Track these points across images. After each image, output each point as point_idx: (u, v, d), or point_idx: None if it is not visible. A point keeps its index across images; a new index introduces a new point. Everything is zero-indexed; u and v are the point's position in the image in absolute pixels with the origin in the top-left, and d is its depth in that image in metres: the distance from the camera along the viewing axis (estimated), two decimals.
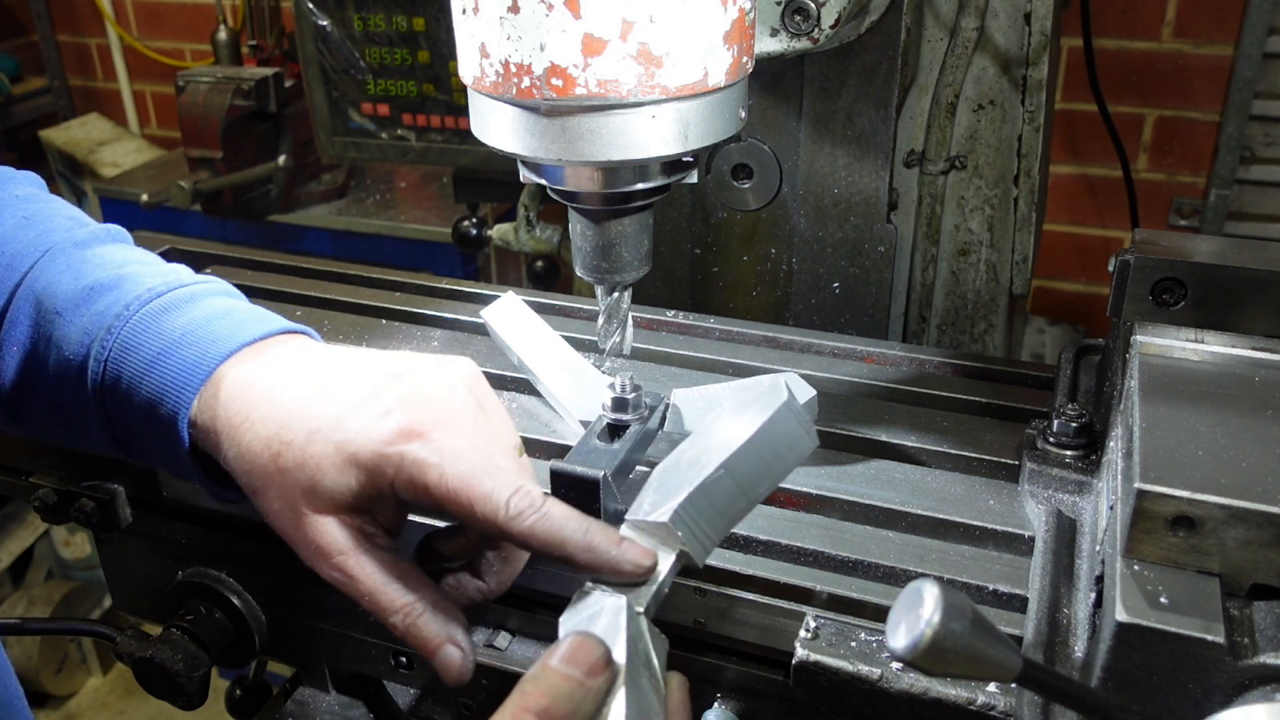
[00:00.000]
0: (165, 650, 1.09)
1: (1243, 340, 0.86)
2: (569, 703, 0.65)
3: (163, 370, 0.83)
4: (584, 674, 0.66)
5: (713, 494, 0.76)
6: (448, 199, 2.76)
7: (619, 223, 0.91)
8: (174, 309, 0.86)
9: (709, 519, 0.77)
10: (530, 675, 0.67)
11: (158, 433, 0.84)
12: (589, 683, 0.66)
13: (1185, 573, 0.68)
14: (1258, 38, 2.52)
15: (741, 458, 0.76)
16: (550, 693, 0.65)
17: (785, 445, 0.78)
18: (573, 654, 0.67)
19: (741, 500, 0.78)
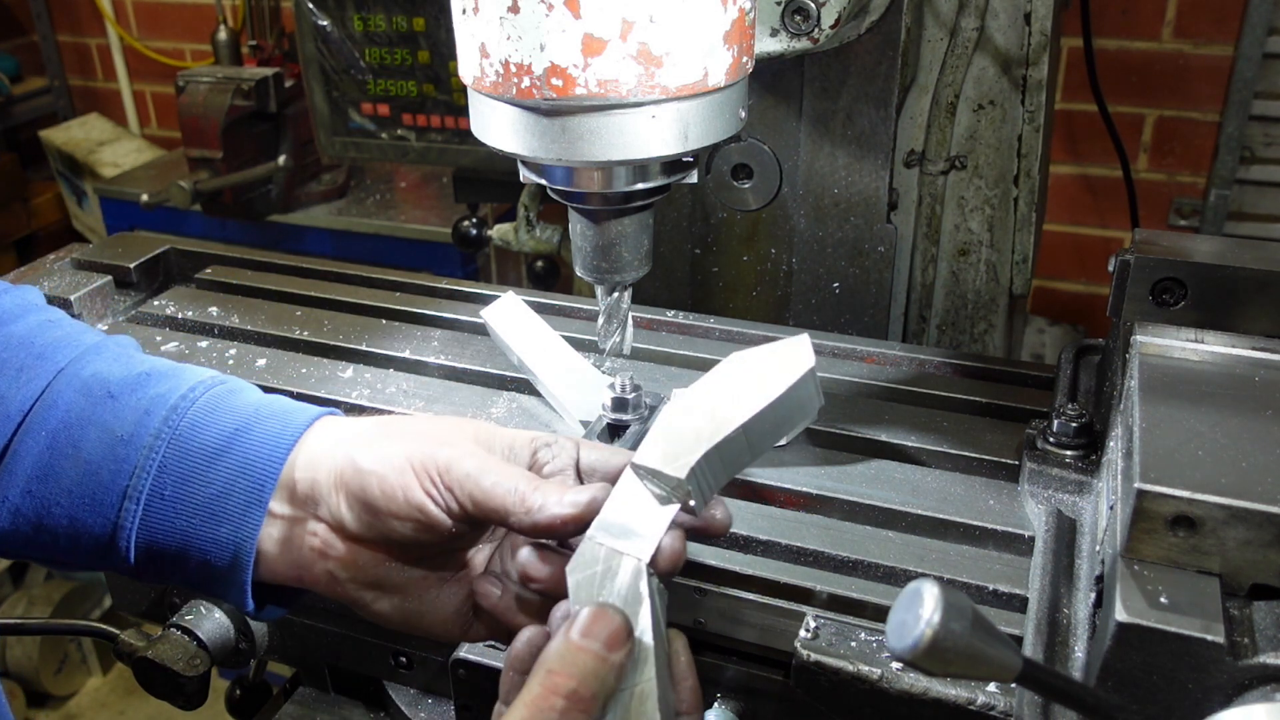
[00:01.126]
0: (165, 650, 1.09)
1: (1243, 340, 0.86)
2: (595, 681, 0.63)
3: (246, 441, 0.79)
4: (606, 648, 0.65)
5: (725, 450, 0.76)
6: (448, 199, 2.76)
7: (619, 223, 0.91)
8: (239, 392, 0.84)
9: (715, 472, 0.77)
10: (553, 652, 0.65)
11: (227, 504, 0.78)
12: (612, 657, 0.65)
13: (1185, 573, 0.68)
14: (1258, 38, 2.52)
15: (760, 419, 0.76)
16: (577, 673, 0.63)
17: (797, 407, 0.78)
18: (593, 627, 0.65)
19: (746, 455, 0.78)
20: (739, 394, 0.77)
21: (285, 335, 1.25)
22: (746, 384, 0.78)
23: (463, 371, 1.18)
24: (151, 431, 0.79)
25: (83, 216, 3.70)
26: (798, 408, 0.78)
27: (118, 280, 1.35)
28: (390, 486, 0.75)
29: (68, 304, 1.27)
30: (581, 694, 0.63)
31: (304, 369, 1.18)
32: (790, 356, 0.78)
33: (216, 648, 1.12)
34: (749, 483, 0.98)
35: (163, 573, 0.80)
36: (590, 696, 0.63)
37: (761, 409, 0.75)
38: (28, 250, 3.79)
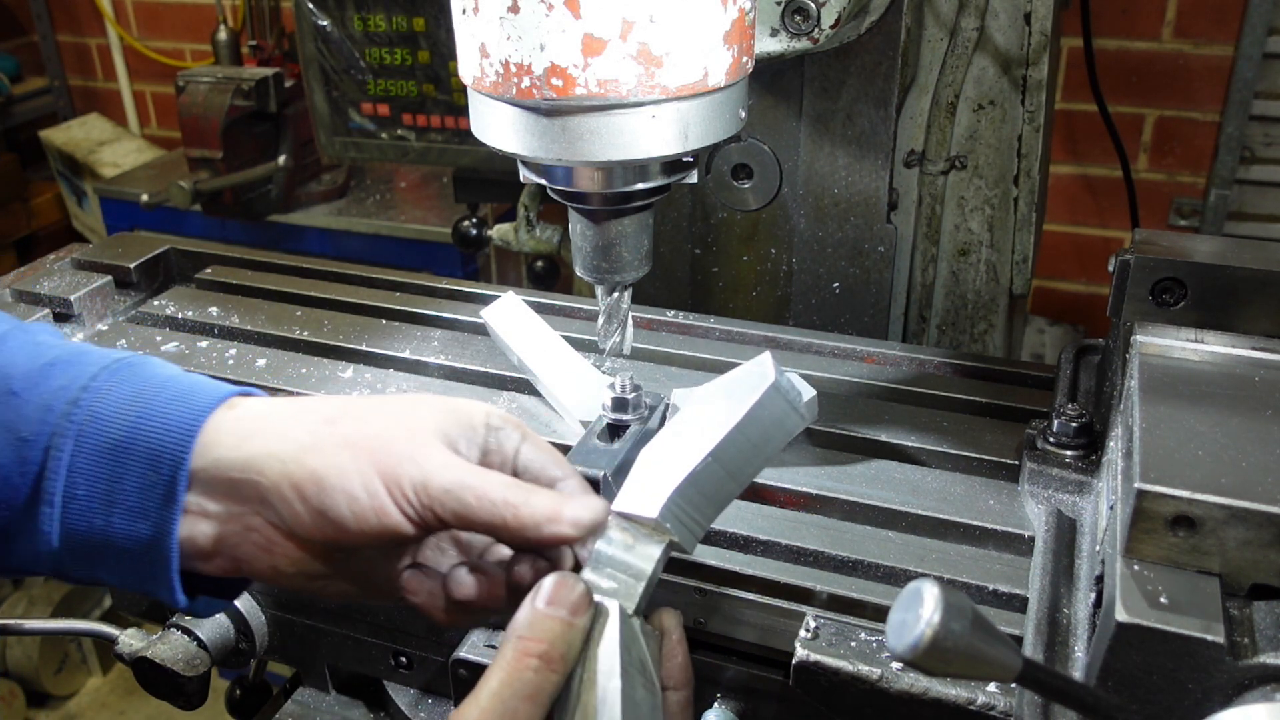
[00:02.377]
0: (165, 650, 1.09)
1: (1243, 340, 0.86)
2: (563, 644, 0.69)
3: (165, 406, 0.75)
4: (570, 613, 0.70)
5: (701, 482, 0.75)
6: (448, 199, 2.76)
7: (619, 223, 0.91)
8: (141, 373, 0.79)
9: (697, 506, 0.76)
10: (521, 621, 0.69)
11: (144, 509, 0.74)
12: (575, 621, 0.70)
13: (1185, 573, 0.68)
14: (1258, 38, 2.52)
15: (729, 443, 0.76)
16: (546, 637, 0.68)
17: (773, 425, 0.78)
18: (556, 594, 0.70)
19: (730, 484, 0.77)
20: (705, 424, 0.77)
21: (285, 335, 1.25)
22: (713, 413, 0.78)
23: (463, 371, 1.18)
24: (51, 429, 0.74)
25: (83, 216, 3.70)
26: (773, 425, 0.78)
27: (118, 280, 1.35)
28: (362, 509, 0.72)
29: (68, 304, 1.27)
30: (551, 655, 0.68)
31: (304, 369, 1.18)
32: (752, 377, 0.78)
33: (216, 648, 1.12)
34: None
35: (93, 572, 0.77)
36: (559, 657, 0.68)
37: (727, 433, 0.75)
38: (28, 250, 3.79)
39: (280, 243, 2.90)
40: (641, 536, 0.76)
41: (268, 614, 1.15)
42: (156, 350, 1.22)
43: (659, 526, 0.75)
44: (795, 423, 0.78)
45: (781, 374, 0.78)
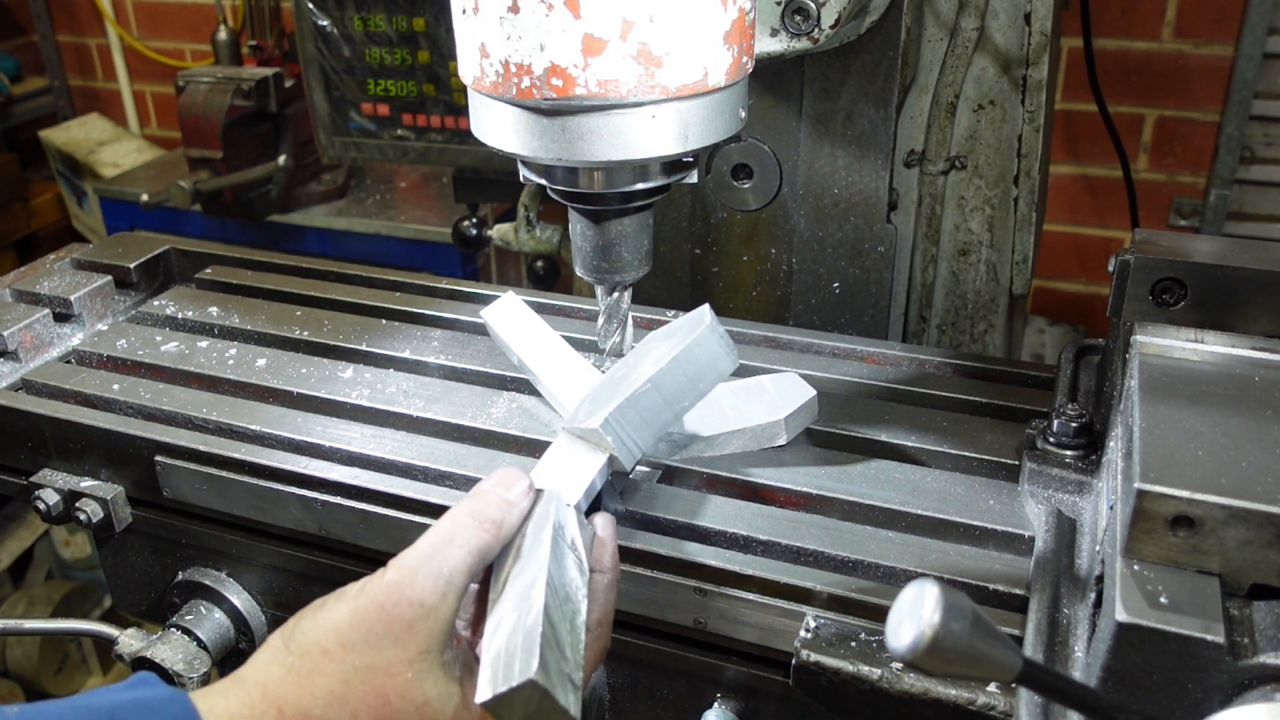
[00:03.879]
0: (165, 650, 1.09)
1: (1243, 340, 0.86)
2: (497, 510, 0.79)
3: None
4: (509, 493, 0.81)
5: (640, 405, 0.88)
6: (448, 199, 2.76)
7: (619, 223, 0.91)
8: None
9: (636, 427, 0.89)
10: (466, 496, 0.81)
11: None
12: (510, 496, 0.81)
13: (1185, 573, 0.68)
14: (1258, 38, 2.52)
15: (667, 373, 0.88)
16: (483, 503, 0.80)
17: (708, 364, 0.90)
18: (501, 479, 0.82)
19: (666, 412, 0.90)
20: (648, 360, 0.90)
21: (285, 335, 1.25)
22: (655, 350, 0.91)
23: (463, 371, 1.18)
24: None
25: (83, 216, 3.70)
26: (708, 364, 0.90)
27: (118, 280, 1.35)
28: None
29: (68, 304, 1.27)
30: (488, 515, 0.79)
31: (304, 369, 1.18)
32: (692, 322, 0.90)
33: (216, 648, 1.12)
34: (749, 482, 0.98)
35: None
36: (494, 521, 0.79)
37: (665, 365, 0.88)
38: (28, 250, 3.79)
39: (280, 243, 2.90)
40: (586, 448, 0.89)
41: (267, 614, 1.15)
42: (157, 349, 1.22)
43: (600, 439, 0.88)
44: (726, 365, 0.91)
45: (716, 321, 0.90)
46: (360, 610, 0.75)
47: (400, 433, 1.08)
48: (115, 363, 1.22)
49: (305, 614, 0.78)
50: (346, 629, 0.75)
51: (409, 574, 0.75)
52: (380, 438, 1.06)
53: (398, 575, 0.75)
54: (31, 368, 1.21)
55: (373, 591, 0.75)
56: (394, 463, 1.02)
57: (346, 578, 1.06)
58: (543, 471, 0.88)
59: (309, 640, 0.76)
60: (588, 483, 0.87)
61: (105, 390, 1.14)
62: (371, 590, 0.75)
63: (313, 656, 0.75)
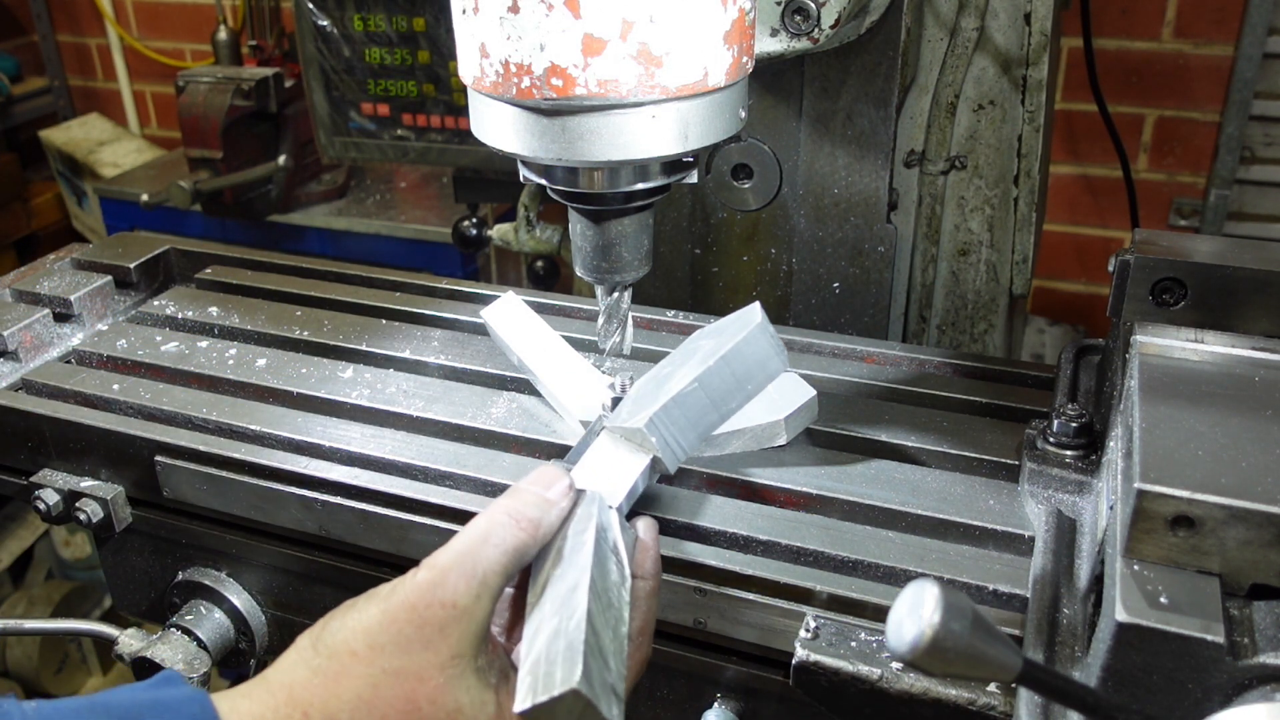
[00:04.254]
0: (165, 650, 1.09)
1: (1243, 340, 0.86)
2: (535, 509, 0.77)
3: None
4: (548, 491, 0.79)
5: (686, 405, 0.84)
6: (448, 199, 2.76)
7: (619, 223, 0.91)
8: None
9: (681, 428, 0.85)
10: (505, 493, 0.79)
11: None
12: (550, 495, 0.79)
13: (1185, 573, 0.68)
14: (1258, 38, 2.52)
15: (715, 373, 0.84)
16: (522, 502, 0.77)
17: (756, 364, 0.86)
18: (540, 477, 0.80)
19: (712, 413, 0.86)
20: (694, 358, 0.86)
21: (285, 335, 1.25)
22: (702, 349, 0.87)
23: (463, 371, 1.18)
24: None
25: (83, 216, 3.70)
26: (756, 365, 0.86)
27: (118, 280, 1.35)
28: None
29: (68, 304, 1.27)
30: (525, 513, 0.76)
31: (304, 369, 1.18)
32: (741, 320, 0.87)
33: (216, 648, 1.12)
34: (749, 483, 0.98)
35: None
36: (532, 519, 0.76)
37: (712, 364, 0.84)
38: (28, 250, 3.79)
39: (280, 243, 2.90)
40: (629, 448, 0.86)
41: (268, 614, 1.15)
42: (157, 349, 1.22)
43: (645, 439, 0.84)
44: (776, 366, 0.87)
45: (766, 320, 0.86)
46: (391, 611, 0.72)
47: (400, 433, 1.08)
48: (115, 363, 1.22)
49: (335, 615, 0.75)
50: (376, 630, 0.72)
51: (441, 574, 0.72)
52: (380, 438, 1.06)
53: (430, 575, 0.72)
54: (31, 368, 1.21)
55: (404, 592, 0.72)
56: (394, 463, 1.02)
57: (346, 578, 1.07)
58: (584, 471, 0.85)
59: (337, 641, 0.73)
60: (630, 484, 0.84)
61: (105, 390, 1.14)
62: (403, 591, 0.72)
63: (340, 658, 0.72)
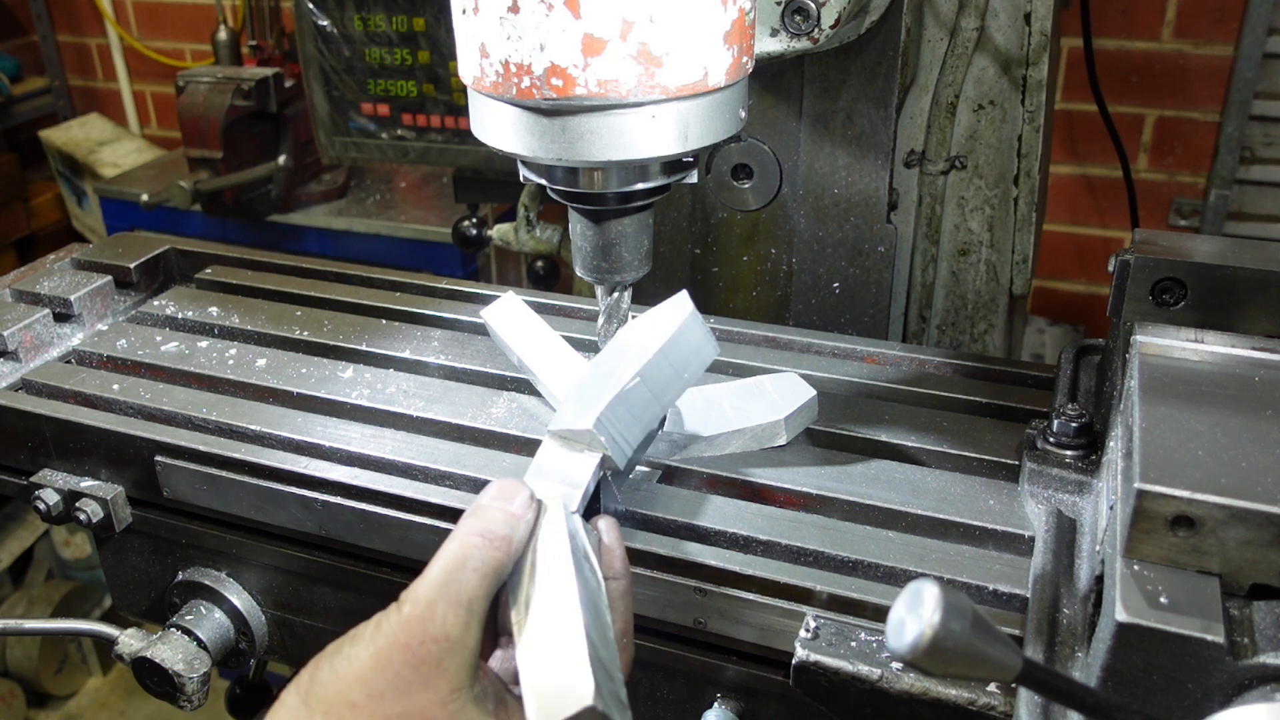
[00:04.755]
0: (165, 650, 1.09)
1: (1243, 340, 0.86)
2: (505, 525, 0.75)
3: None
4: (511, 506, 0.76)
5: (630, 401, 0.85)
6: (448, 199, 2.76)
7: (619, 223, 0.91)
8: None
9: (627, 424, 0.85)
10: (467, 514, 0.76)
11: None
12: (514, 509, 0.76)
13: (1185, 573, 0.68)
14: (1258, 38, 2.52)
15: (654, 365, 0.85)
16: (488, 519, 0.75)
17: (692, 351, 0.88)
18: (500, 492, 0.77)
19: (655, 405, 0.87)
20: (631, 352, 0.87)
21: (285, 335, 1.25)
22: (636, 342, 0.88)
23: (463, 371, 1.18)
24: None
25: (83, 216, 3.70)
26: (693, 353, 0.88)
27: (118, 280, 1.35)
28: None
29: (68, 304, 1.27)
30: (496, 531, 0.74)
31: (304, 369, 1.18)
32: (671, 311, 0.88)
33: (216, 648, 1.12)
34: (749, 482, 0.98)
35: None
36: (503, 536, 0.74)
37: (652, 356, 0.85)
38: (28, 250, 3.79)
39: (280, 243, 2.90)
40: (578, 450, 0.85)
41: (268, 614, 1.15)
42: (157, 349, 1.22)
43: (593, 439, 0.83)
44: (709, 352, 0.89)
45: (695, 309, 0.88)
46: (383, 653, 0.69)
47: (400, 433, 1.08)
48: (115, 363, 1.22)
49: (321, 663, 0.73)
50: (371, 676, 0.69)
51: (427, 607, 0.70)
52: (380, 438, 1.06)
53: (415, 609, 0.70)
54: (31, 368, 1.21)
55: (391, 630, 0.70)
56: (394, 463, 1.02)
57: (346, 578, 1.07)
58: (535, 478, 0.84)
59: (331, 693, 0.70)
60: (584, 486, 0.84)
61: (105, 390, 1.14)
62: (389, 629, 0.70)
63: (338, 712, 0.69)
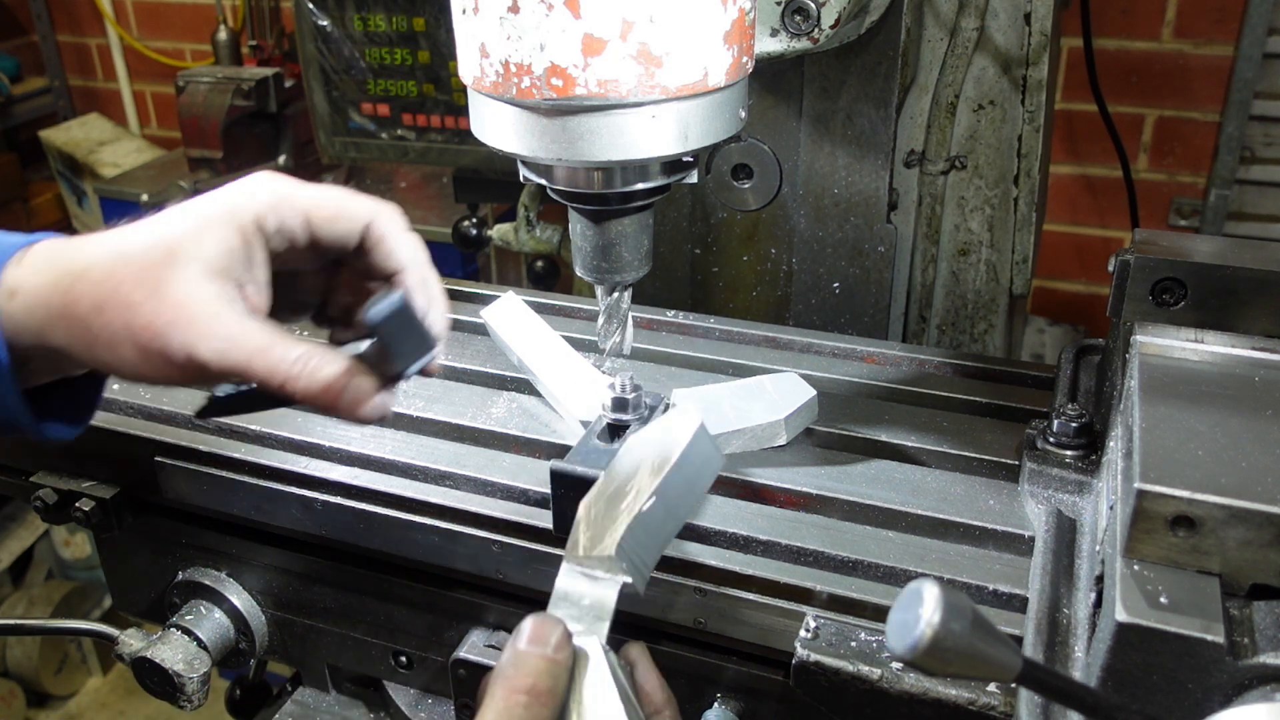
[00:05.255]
0: (165, 650, 1.09)
1: (1243, 340, 0.86)
2: (548, 679, 0.71)
3: None
4: (553, 651, 0.72)
5: (647, 521, 0.79)
6: (448, 199, 2.76)
7: (619, 223, 0.91)
8: None
9: (644, 545, 0.80)
10: (506, 661, 0.72)
11: None
12: (557, 657, 0.72)
13: (1185, 573, 0.68)
14: (1258, 38, 2.52)
15: (669, 483, 0.80)
16: (531, 672, 0.71)
17: (703, 463, 0.83)
18: (537, 634, 0.73)
19: (670, 522, 0.82)
20: (642, 468, 0.81)
21: None
22: (647, 457, 0.82)
23: (463, 371, 1.18)
24: None
25: (83, 216, 3.70)
26: (703, 464, 0.83)
27: None
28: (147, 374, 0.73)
29: None
30: (539, 689, 0.70)
31: None
32: (680, 422, 0.83)
33: (216, 648, 1.12)
34: (749, 483, 0.98)
35: None
36: (547, 691, 0.71)
37: (666, 473, 0.80)
38: None
39: None
40: (599, 577, 0.79)
41: (268, 614, 1.15)
42: None
43: (614, 566, 0.78)
44: (717, 463, 0.84)
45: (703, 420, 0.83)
46: None
47: (400, 433, 1.08)
48: None
49: None
50: None
51: None
52: (380, 438, 1.06)
53: None
54: None
55: None
56: (394, 463, 1.02)
57: (346, 578, 1.07)
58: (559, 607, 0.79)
59: None
60: (609, 617, 0.78)
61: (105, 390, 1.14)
62: None
63: None
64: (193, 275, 0.73)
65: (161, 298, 0.72)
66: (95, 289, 0.73)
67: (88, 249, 0.76)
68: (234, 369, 0.73)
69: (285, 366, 0.73)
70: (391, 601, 1.07)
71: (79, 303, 0.73)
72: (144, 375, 0.74)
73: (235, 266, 0.75)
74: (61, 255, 0.76)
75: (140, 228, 0.78)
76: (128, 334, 0.72)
